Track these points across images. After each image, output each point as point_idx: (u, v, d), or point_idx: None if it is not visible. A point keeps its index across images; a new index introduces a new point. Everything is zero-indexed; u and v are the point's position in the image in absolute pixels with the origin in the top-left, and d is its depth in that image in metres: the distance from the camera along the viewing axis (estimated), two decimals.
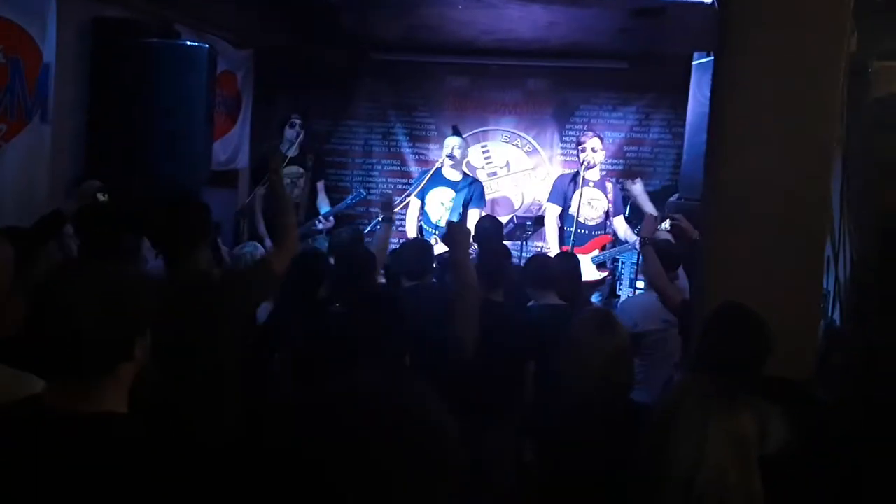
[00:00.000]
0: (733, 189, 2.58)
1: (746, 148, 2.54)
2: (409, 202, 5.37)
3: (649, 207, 4.75)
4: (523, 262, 5.73)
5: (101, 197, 3.17)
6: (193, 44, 4.32)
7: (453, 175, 5.32)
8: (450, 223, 2.94)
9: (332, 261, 3.65)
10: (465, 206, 5.24)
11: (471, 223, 5.17)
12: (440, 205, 5.28)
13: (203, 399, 2.15)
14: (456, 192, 5.25)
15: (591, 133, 5.26)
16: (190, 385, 2.14)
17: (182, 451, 1.36)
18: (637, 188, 4.88)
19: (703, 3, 3.75)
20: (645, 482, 1.55)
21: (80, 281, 1.35)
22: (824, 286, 3.48)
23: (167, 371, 1.76)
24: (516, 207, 6.36)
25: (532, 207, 6.30)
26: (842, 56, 2.50)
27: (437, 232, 5.21)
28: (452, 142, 5.33)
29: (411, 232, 5.34)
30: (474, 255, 4.22)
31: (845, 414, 2.38)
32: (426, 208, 5.32)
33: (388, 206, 4.03)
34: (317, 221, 5.31)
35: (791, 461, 1.97)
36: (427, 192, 5.31)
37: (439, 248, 4.90)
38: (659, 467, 1.51)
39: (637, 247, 4.27)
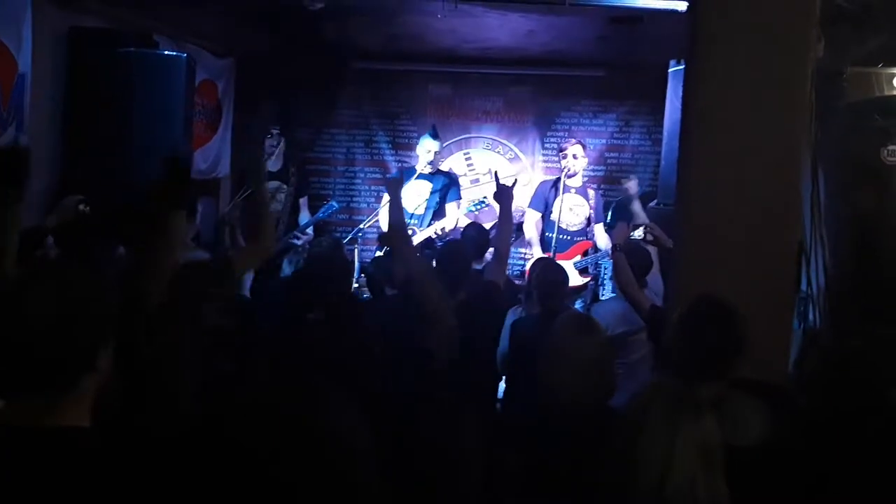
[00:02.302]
0: (704, 195, 2.61)
1: (716, 154, 2.57)
2: (383, 199, 5.41)
3: (637, 209, 4.76)
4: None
5: (82, 208, 3.16)
6: (171, 53, 4.31)
7: (427, 169, 5.33)
8: (381, 234, 2.98)
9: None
10: (443, 199, 5.27)
11: (449, 216, 5.20)
12: (416, 195, 5.29)
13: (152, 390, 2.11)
14: (432, 183, 5.29)
15: (573, 140, 5.31)
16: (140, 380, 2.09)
17: (145, 464, 1.30)
18: (632, 186, 4.89)
19: (677, 11, 3.78)
20: (614, 488, 1.55)
21: (40, 290, 1.29)
22: (802, 289, 3.51)
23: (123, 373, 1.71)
24: None
25: (515, 214, 6.30)
26: (809, 62, 2.53)
27: (413, 221, 5.22)
28: (431, 146, 5.34)
29: (385, 227, 5.36)
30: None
31: (818, 418, 2.40)
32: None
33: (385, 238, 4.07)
34: (293, 236, 5.28)
35: (762, 462, 1.98)
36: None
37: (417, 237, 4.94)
38: (627, 474, 1.52)
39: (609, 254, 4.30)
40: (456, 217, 5.20)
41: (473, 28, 4.99)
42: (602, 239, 5.20)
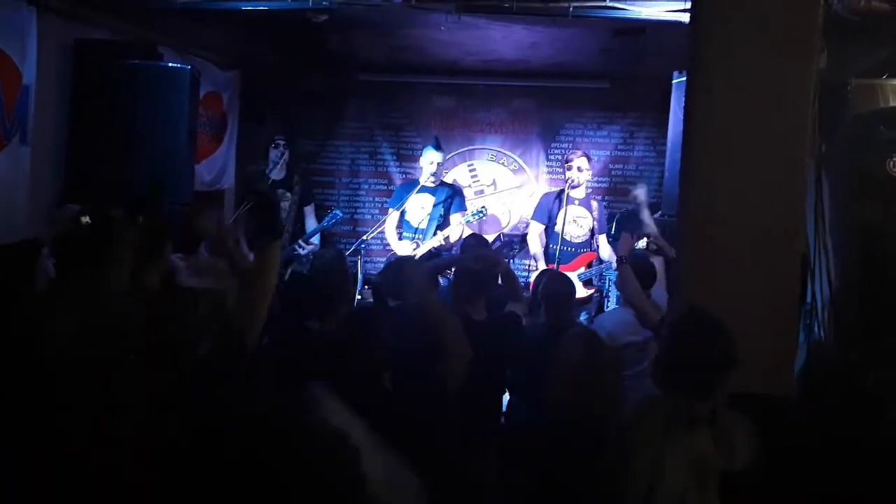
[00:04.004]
0: (707, 206, 2.60)
1: (719, 164, 2.56)
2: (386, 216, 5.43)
3: (647, 218, 4.72)
4: None
5: (84, 220, 3.13)
6: (175, 65, 4.32)
7: (429, 181, 5.34)
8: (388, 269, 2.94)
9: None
10: (447, 210, 5.28)
11: (454, 227, 5.19)
12: (420, 209, 5.31)
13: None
14: (435, 196, 5.30)
15: (578, 152, 5.30)
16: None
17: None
18: (641, 195, 4.82)
19: (680, 22, 3.78)
20: (606, 499, 1.53)
21: (60, 308, 1.30)
22: (807, 301, 3.48)
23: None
24: (503, 226, 6.38)
25: (519, 226, 6.32)
26: (812, 73, 2.52)
27: (418, 236, 5.23)
28: (434, 157, 5.34)
29: (392, 242, 5.37)
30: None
31: (823, 430, 2.37)
32: (406, 217, 5.36)
33: None
34: (296, 246, 5.29)
35: (762, 477, 1.96)
36: (405, 201, 5.35)
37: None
38: (618, 486, 1.50)
39: (613, 266, 4.27)
40: (460, 228, 5.20)
41: (477, 40, 5.00)
42: (605, 250, 5.19)
